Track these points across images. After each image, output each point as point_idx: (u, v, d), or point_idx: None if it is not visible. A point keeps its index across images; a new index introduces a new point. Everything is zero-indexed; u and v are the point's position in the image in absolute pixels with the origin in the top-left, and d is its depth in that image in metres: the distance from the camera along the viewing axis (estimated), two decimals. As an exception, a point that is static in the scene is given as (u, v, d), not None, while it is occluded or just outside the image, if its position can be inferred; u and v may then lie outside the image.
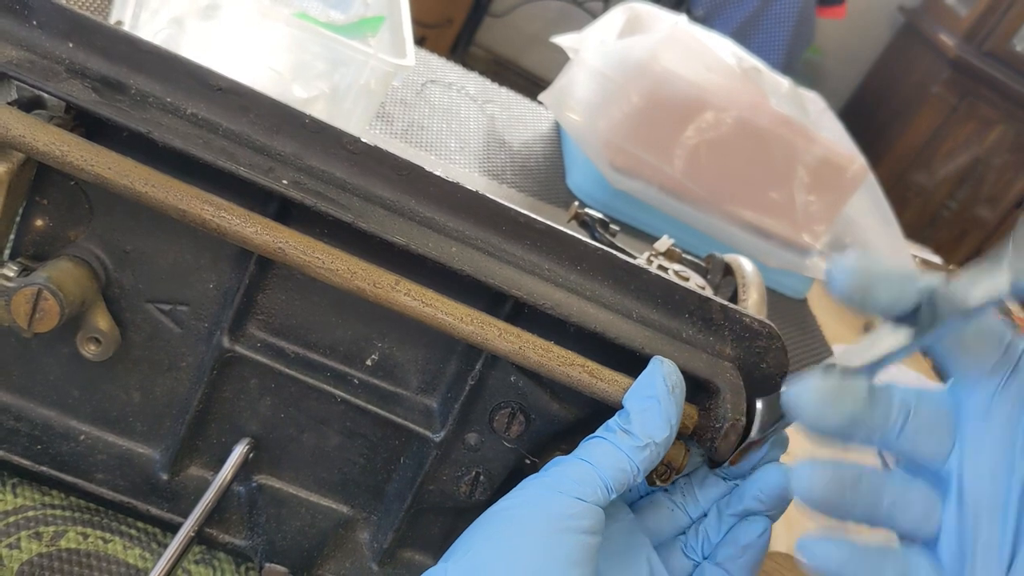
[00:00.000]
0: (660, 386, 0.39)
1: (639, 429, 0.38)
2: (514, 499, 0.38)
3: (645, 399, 0.39)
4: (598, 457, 0.38)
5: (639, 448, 0.38)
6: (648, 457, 0.38)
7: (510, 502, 0.38)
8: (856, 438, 0.35)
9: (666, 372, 0.40)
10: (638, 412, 0.39)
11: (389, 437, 0.45)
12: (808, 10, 2.63)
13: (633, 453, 0.38)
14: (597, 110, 1.02)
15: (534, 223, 0.41)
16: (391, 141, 0.94)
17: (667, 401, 0.39)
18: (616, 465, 0.38)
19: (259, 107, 0.39)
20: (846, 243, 1.11)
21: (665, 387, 0.39)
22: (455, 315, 0.39)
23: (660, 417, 0.39)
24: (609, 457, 0.38)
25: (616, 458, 0.38)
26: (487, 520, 0.38)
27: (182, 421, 0.44)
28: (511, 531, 0.37)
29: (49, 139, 0.36)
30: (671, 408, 0.39)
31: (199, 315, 0.43)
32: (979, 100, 2.81)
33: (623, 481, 0.38)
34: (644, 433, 0.38)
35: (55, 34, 0.37)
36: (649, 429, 0.38)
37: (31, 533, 0.41)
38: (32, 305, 0.38)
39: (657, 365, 0.40)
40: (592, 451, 0.39)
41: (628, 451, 0.38)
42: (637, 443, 0.38)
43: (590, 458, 0.38)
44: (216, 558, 0.45)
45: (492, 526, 0.37)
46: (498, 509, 0.38)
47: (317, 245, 0.38)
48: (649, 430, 0.38)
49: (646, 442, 0.38)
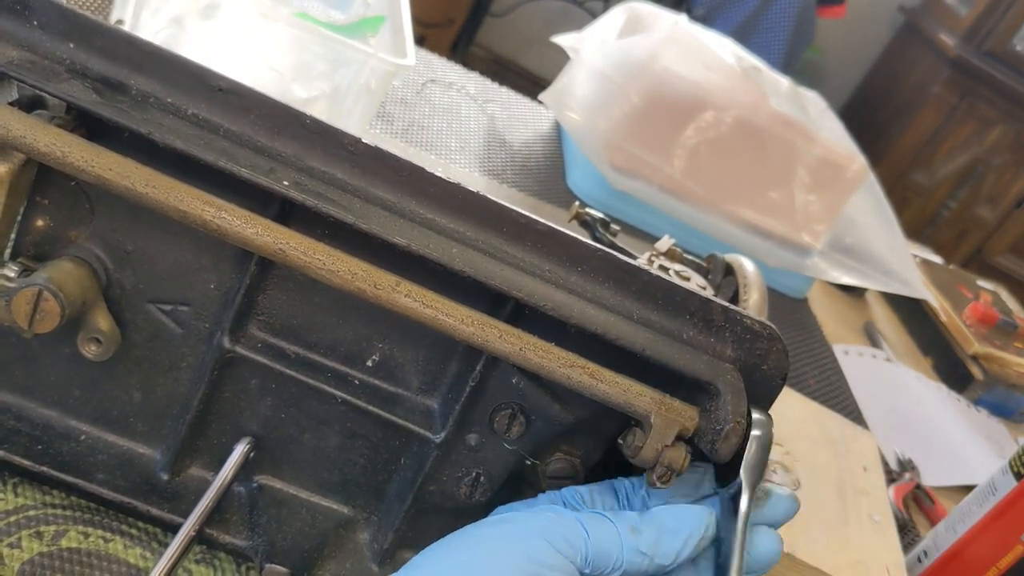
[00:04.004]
0: (695, 529, 0.40)
1: (650, 543, 0.39)
2: (501, 528, 0.39)
3: (675, 524, 0.40)
4: (597, 533, 0.39)
5: (638, 553, 0.39)
6: (639, 564, 0.39)
7: (494, 530, 0.38)
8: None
9: (707, 523, 0.40)
10: (662, 530, 0.39)
11: (389, 438, 0.45)
12: (808, 10, 2.63)
13: (630, 554, 0.39)
14: (597, 110, 1.01)
15: (535, 224, 0.41)
16: (391, 141, 0.94)
17: (690, 542, 0.40)
18: (608, 550, 0.39)
19: (260, 108, 0.39)
20: (846, 242, 1.11)
21: (698, 534, 0.40)
22: (456, 316, 0.39)
23: (674, 548, 0.39)
24: (606, 540, 0.39)
25: (612, 544, 0.39)
26: (468, 535, 0.38)
27: (183, 421, 0.44)
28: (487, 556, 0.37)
29: (50, 140, 0.36)
30: (687, 550, 0.40)
31: (200, 315, 0.43)
32: (979, 100, 2.81)
33: (604, 567, 0.39)
34: (652, 549, 0.39)
35: (56, 34, 0.37)
36: (659, 549, 0.39)
37: (32, 532, 0.41)
38: (33, 306, 0.38)
39: (706, 514, 0.41)
40: (594, 525, 0.39)
41: (627, 550, 0.39)
42: (640, 548, 0.39)
43: (590, 529, 0.39)
44: (217, 558, 0.45)
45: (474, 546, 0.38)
46: (480, 531, 0.38)
47: (318, 246, 0.38)
48: (658, 550, 0.39)
49: (648, 554, 0.39)
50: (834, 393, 0.98)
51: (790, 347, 0.58)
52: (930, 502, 0.86)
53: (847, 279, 1.09)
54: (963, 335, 1.16)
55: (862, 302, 1.28)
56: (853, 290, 1.25)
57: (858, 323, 1.21)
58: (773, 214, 1.06)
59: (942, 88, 2.81)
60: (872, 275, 1.10)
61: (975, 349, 1.13)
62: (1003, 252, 2.99)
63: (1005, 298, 1.33)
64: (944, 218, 2.98)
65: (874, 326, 1.20)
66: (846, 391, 1.00)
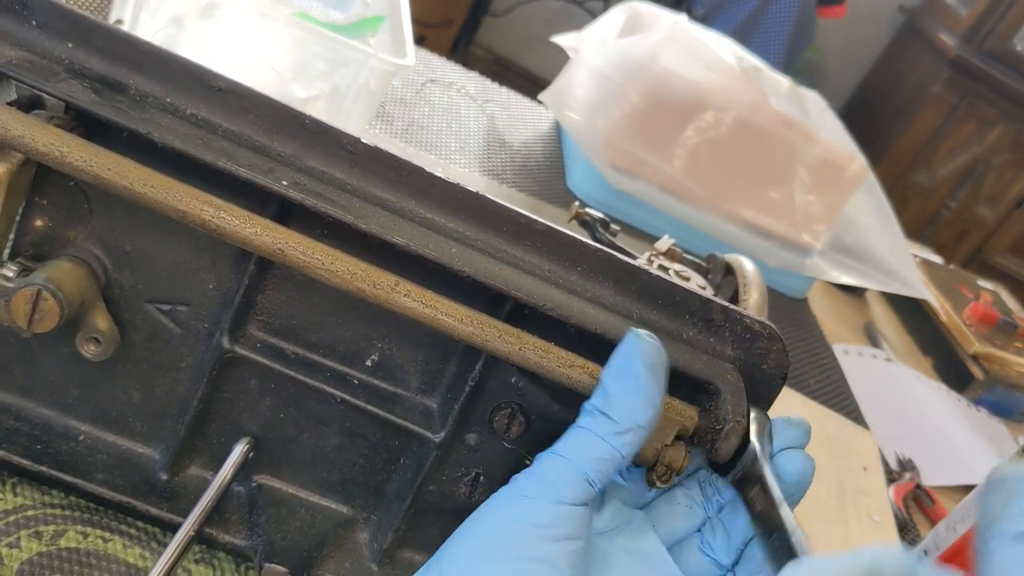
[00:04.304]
0: (638, 365, 0.36)
1: (619, 413, 0.36)
2: (491, 510, 0.36)
3: (624, 378, 0.36)
4: (575, 450, 0.36)
5: (620, 433, 0.36)
6: (632, 441, 0.36)
7: (487, 512, 0.36)
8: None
9: (643, 350, 0.37)
10: (618, 393, 0.36)
11: (389, 437, 0.45)
12: (808, 10, 2.63)
13: (614, 440, 0.36)
14: (597, 110, 1.01)
15: (534, 224, 0.41)
16: (391, 141, 0.94)
17: (646, 380, 0.36)
18: (596, 456, 0.35)
19: (259, 107, 0.39)
20: (846, 242, 1.11)
21: (643, 367, 0.36)
22: (455, 316, 0.39)
23: (641, 398, 0.36)
24: (588, 448, 0.36)
25: (596, 448, 0.36)
26: (465, 532, 0.36)
27: (182, 421, 0.44)
28: (489, 544, 0.35)
29: (48, 140, 0.36)
30: (652, 387, 0.36)
31: (199, 315, 0.43)
32: (979, 100, 2.82)
33: (606, 471, 0.36)
34: (625, 417, 0.36)
35: (54, 34, 0.37)
36: (630, 412, 0.36)
37: (31, 532, 0.41)
38: (32, 305, 0.38)
39: (633, 341, 0.37)
40: (569, 444, 0.36)
41: (609, 438, 0.36)
42: (618, 428, 0.36)
43: (567, 452, 0.36)
44: (216, 557, 0.45)
45: (470, 538, 0.36)
46: (477, 518, 0.36)
47: (317, 246, 0.38)
48: (630, 413, 0.36)
49: (628, 427, 0.36)
50: (834, 393, 0.98)
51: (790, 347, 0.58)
52: (930, 502, 0.86)
53: (847, 279, 1.09)
54: (963, 335, 1.16)
55: (862, 302, 1.28)
56: (853, 290, 1.25)
57: (858, 323, 1.21)
58: (773, 214, 1.06)
59: (942, 88, 2.81)
60: (872, 275, 1.10)
61: (975, 349, 1.13)
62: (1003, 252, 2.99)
63: (1005, 298, 1.33)
64: (944, 218, 2.98)
65: (874, 326, 1.20)
66: (846, 391, 1.00)
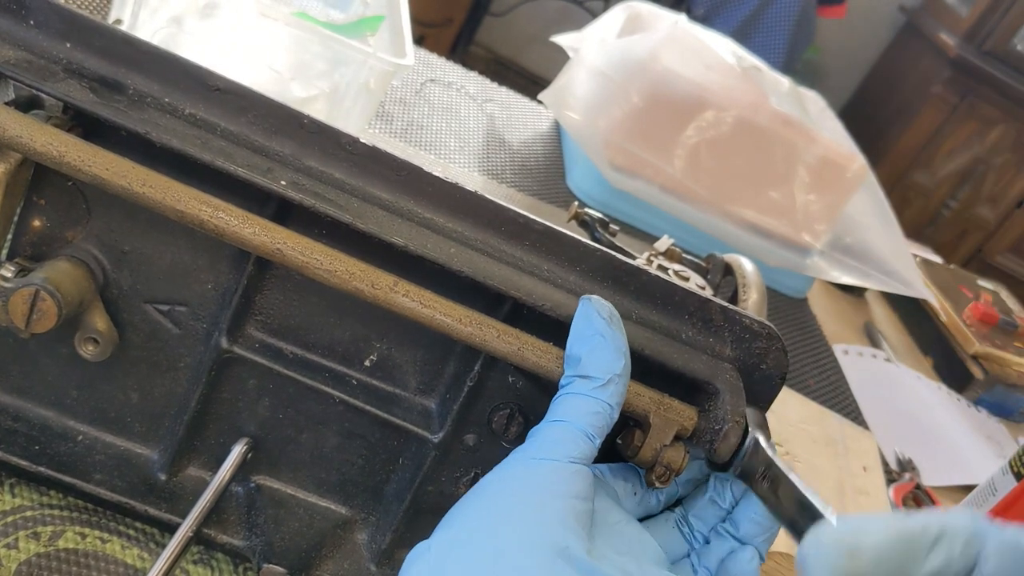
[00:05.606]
0: (598, 321, 0.39)
1: (595, 369, 0.38)
2: (498, 473, 0.38)
3: (589, 339, 0.39)
4: (567, 412, 0.38)
5: (602, 387, 0.38)
6: (615, 391, 0.38)
7: (495, 476, 0.38)
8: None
9: (597, 307, 0.39)
10: (587, 353, 0.39)
11: (388, 438, 0.45)
12: (808, 10, 2.63)
13: (599, 393, 0.38)
14: (597, 109, 1.01)
15: (533, 224, 0.41)
16: (390, 140, 0.94)
17: (610, 332, 0.39)
18: (588, 411, 0.38)
19: (257, 107, 0.39)
20: (846, 242, 1.10)
21: (603, 320, 0.39)
22: (454, 316, 0.39)
23: (610, 350, 0.38)
24: (578, 407, 0.38)
25: (585, 405, 0.38)
26: (473, 496, 0.38)
27: (180, 421, 0.44)
28: (497, 503, 0.36)
29: (46, 139, 0.36)
30: (617, 337, 0.39)
31: (197, 316, 0.43)
32: (979, 100, 2.81)
33: (601, 424, 0.38)
34: (601, 371, 0.38)
35: (52, 34, 0.37)
36: (604, 364, 0.38)
37: (29, 533, 0.41)
38: (30, 306, 0.38)
39: (587, 304, 0.40)
40: (560, 409, 0.39)
41: (593, 393, 0.38)
42: (598, 383, 0.38)
43: (561, 415, 0.38)
44: (214, 558, 0.45)
45: (478, 500, 0.37)
46: (484, 484, 0.38)
47: (315, 246, 0.38)
48: (605, 365, 0.38)
49: (607, 378, 0.38)
50: (834, 393, 0.98)
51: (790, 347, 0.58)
52: (930, 502, 0.86)
53: (847, 279, 1.09)
54: (963, 335, 1.16)
55: (862, 302, 1.28)
56: (853, 290, 1.25)
57: (858, 323, 1.21)
58: (773, 214, 1.05)
59: (942, 88, 2.81)
60: (872, 275, 1.10)
61: (975, 349, 1.13)
62: (1003, 252, 2.99)
63: (1005, 298, 1.33)
64: (944, 218, 2.98)
65: (874, 326, 1.20)
66: (846, 391, 1.00)
